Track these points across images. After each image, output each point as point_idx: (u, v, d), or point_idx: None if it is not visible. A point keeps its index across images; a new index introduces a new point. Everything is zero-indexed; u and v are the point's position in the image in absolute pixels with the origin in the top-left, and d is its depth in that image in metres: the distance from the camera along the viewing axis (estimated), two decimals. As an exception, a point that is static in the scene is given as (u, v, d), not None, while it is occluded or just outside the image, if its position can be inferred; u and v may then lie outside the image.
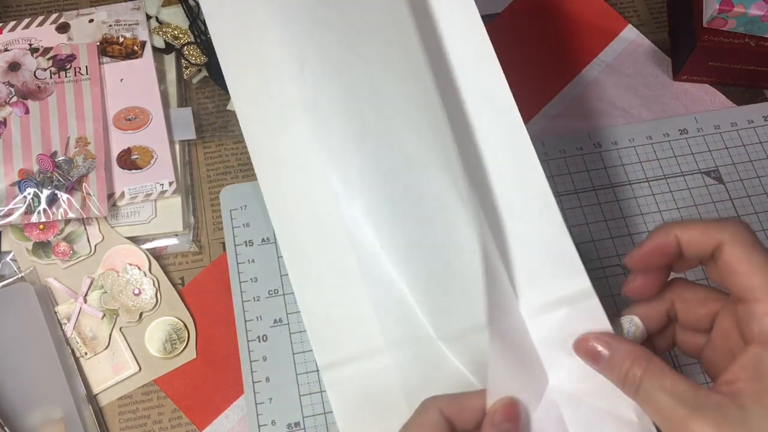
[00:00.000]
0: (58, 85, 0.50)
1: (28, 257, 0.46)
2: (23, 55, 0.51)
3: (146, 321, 0.46)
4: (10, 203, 0.46)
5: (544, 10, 0.58)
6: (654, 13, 0.59)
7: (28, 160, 0.47)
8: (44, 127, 0.48)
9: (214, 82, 0.54)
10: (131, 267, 0.46)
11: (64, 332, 0.45)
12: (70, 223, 0.47)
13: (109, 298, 0.46)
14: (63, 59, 0.51)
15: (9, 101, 0.49)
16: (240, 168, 0.51)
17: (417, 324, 0.39)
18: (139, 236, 0.47)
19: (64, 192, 0.46)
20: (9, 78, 0.50)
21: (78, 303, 0.45)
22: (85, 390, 0.43)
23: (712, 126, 0.53)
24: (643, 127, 0.53)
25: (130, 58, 0.52)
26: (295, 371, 0.45)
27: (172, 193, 0.48)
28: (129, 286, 0.46)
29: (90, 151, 0.48)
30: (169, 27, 0.54)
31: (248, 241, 0.48)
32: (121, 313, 0.45)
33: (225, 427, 0.44)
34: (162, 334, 0.45)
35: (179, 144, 0.51)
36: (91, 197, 0.46)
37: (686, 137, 0.53)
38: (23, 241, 0.46)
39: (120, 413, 0.44)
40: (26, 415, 0.41)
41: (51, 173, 0.47)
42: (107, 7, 0.54)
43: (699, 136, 0.53)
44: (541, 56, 0.56)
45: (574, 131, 0.53)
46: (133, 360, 0.45)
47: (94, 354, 0.45)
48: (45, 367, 0.42)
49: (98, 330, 0.45)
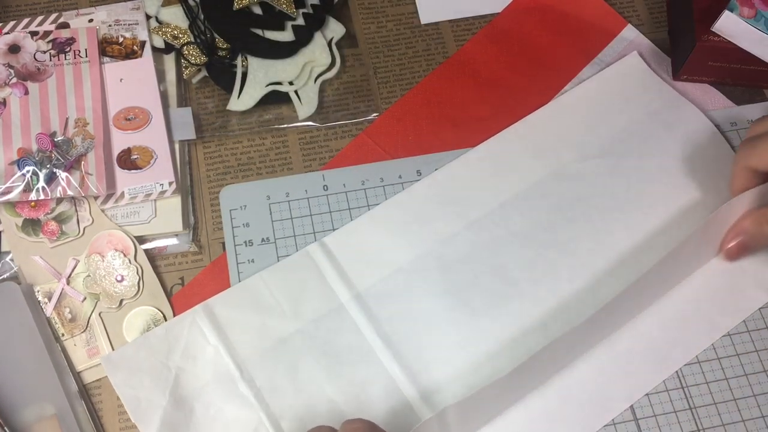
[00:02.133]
0: (57, 68, 0.50)
1: (16, 233, 0.46)
2: (23, 37, 0.51)
3: (126, 308, 0.46)
4: (9, 181, 0.46)
5: (543, 10, 0.58)
6: (654, 13, 0.59)
7: (27, 140, 0.47)
8: (43, 107, 0.49)
9: (214, 82, 0.54)
10: (117, 253, 0.46)
11: (54, 330, 0.45)
12: (61, 204, 0.47)
13: (92, 281, 0.46)
14: (62, 42, 0.51)
15: (9, 82, 0.49)
16: (240, 168, 0.51)
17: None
18: (138, 236, 0.47)
19: (62, 171, 0.46)
20: (9, 60, 0.50)
21: (60, 284, 0.45)
22: (77, 386, 0.43)
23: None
24: (643, 127, 0.53)
25: (130, 58, 0.52)
26: (295, 371, 0.45)
27: (171, 193, 0.48)
28: (112, 272, 0.46)
29: (89, 132, 0.48)
30: (169, 27, 0.54)
31: (248, 241, 0.48)
32: (102, 298, 0.45)
33: (225, 427, 0.44)
34: (140, 323, 0.45)
35: (179, 144, 0.51)
36: (89, 176, 0.47)
37: (686, 137, 0.53)
38: (14, 217, 0.47)
39: (120, 413, 0.44)
40: (20, 413, 0.41)
41: (50, 152, 0.47)
42: (107, 7, 0.54)
43: (699, 136, 0.53)
44: (541, 56, 0.56)
45: (574, 131, 0.53)
46: (108, 346, 0.45)
47: (71, 336, 0.45)
48: (36, 365, 0.43)
49: (78, 312, 0.45)
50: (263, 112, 0.53)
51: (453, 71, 0.55)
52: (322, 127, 0.53)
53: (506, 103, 0.54)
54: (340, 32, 0.56)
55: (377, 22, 0.57)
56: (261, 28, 0.54)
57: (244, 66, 0.53)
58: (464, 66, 0.55)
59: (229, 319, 0.44)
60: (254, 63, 0.53)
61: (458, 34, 0.57)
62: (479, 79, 0.55)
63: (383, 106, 0.54)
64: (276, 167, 0.51)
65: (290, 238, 0.48)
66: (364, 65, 0.55)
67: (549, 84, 0.55)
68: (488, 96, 0.54)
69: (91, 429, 0.43)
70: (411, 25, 0.57)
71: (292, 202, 0.50)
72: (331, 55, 0.55)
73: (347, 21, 0.57)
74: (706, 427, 0.44)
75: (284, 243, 0.48)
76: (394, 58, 0.56)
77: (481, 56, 0.56)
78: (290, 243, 0.48)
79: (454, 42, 0.57)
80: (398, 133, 0.53)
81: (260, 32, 0.54)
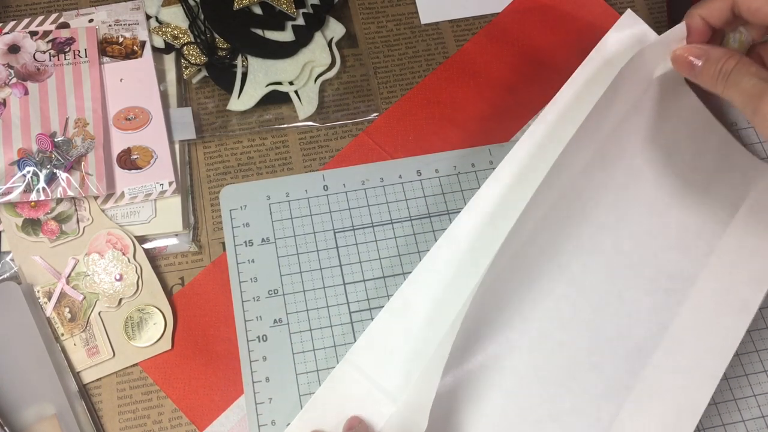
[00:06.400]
0: (57, 68, 0.50)
1: (16, 233, 0.46)
2: (23, 37, 0.51)
3: (125, 307, 0.46)
4: (9, 181, 0.46)
5: (543, 10, 0.58)
6: (654, 13, 0.59)
7: (28, 140, 0.47)
8: (43, 108, 0.49)
9: (214, 82, 0.54)
10: (116, 252, 0.46)
11: (54, 330, 0.45)
12: (61, 203, 0.47)
13: (91, 281, 0.46)
14: (62, 42, 0.51)
15: (8, 82, 0.50)
16: (240, 168, 0.51)
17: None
18: (139, 236, 0.47)
19: (63, 171, 0.46)
20: (8, 60, 0.50)
21: (60, 283, 0.45)
22: (77, 386, 0.43)
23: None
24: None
25: (130, 58, 0.52)
26: (295, 371, 0.45)
27: (171, 193, 0.48)
28: (111, 271, 0.46)
29: (89, 132, 0.48)
30: (169, 27, 0.54)
31: (248, 241, 0.48)
32: (101, 297, 0.45)
33: (225, 427, 0.44)
34: (138, 320, 0.45)
35: (179, 144, 0.51)
36: (90, 176, 0.47)
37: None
38: (14, 217, 0.47)
39: (120, 413, 0.44)
40: (20, 413, 0.41)
41: (50, 153, 0.47)
42: (107, 7, 0.54)
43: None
44: (541, 56, 0.56)
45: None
46: (107, 346, 0.45)
47: (70, 336, 0.45)
48: (36, 365, 0.43)
49: (77, 312, 0.45)
50: (263, 112, 0.53)
51: (453, 71, 0.55)
52: (322, 127, 0.53)
53: (506, 103, 0.54)
54: (340, 32, 0.56)
55: (377, 22, 0.57)
56: (261, 28, 0.54)
57: (244, 66, 0.53)
58: (464, 66, 0.55)
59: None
60: (254, 63, 0.53)
61: (458, 34, 0.57)
62: (479, 79, 0.55)
63: (383, 106, 0.54)
64: (276, 167, 0.51)
65: (290, 238, 0.48)
66: (364, 65, 0.55)
67: (549, 84, 0.54)
68: (488, 96, 0.54)
69: (91, 429, 0.43)
70: (411, 25, 0.57)
71: (292, 202, 0.50)
72: (331, 55, 0.55)
73: (347, 21, 0.57)
74: (706, 427, 0.44)
75: (284, 243, 0.48)
76: (394, 58, 0.56)
77: (481, 56, 0.56)
78: (290, 243, 0.48)
79: (454, 42, 0.57)
80: (398, 133, 0.53)
81: (260, 32, 0.54)
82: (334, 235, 0.49)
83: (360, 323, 0.46)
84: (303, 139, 0.53)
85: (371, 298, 0.47)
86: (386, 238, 0.49)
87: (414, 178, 0.51)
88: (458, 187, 0.51)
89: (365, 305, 0.47)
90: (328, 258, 0.48)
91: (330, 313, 0.47)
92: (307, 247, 0.48)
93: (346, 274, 0.48)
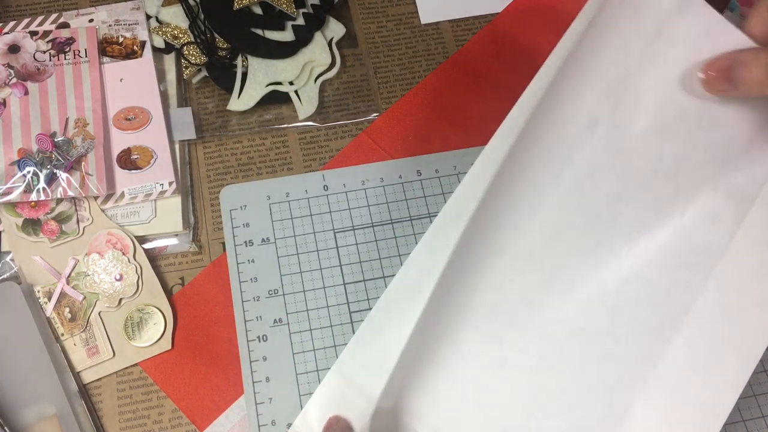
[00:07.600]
0: (57, 68, 0.50)
1: (16, 233, 0.46)
2: (23, 37, 0.51)
3: (125, 307, 0.46)
4: (10, 182, 0.46)
5: (543, 10, 0.58)
6: (654, 13, 0.58)
7: (28, 140, 0.47)
8: (43, 108, 0.49)
9: (214, 82, 0.54)
10: (116, 252, 0.46)
11: (54, 330, 0.45)
12: (61, 203, 0.47)
13: (91, 281, 0.46)
14: (62, 42, 0.51)
15: (8, 82, 0.50)
16: (240, 168, 0.51)
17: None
18: (139, 236, 0.47)
19: (63, 171, 0.46)
20: (8, 60, 0.50)
21: (60, 283, 0.45)
22: (77, 386, 0.43)
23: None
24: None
25: (130, 58, 0.52)
26: (295, 371, 0.45)
27: (171, 193, 0.48)
28: (111, 271, 0.46)
29: (89, 132, 0.48)
30: (169, 27, 0.54)
31: (248, 241, 0.48)
32: (101, 297, 0.45)
33: (225, 427, 0.44)
34: (138, 320, 0.45)
35: (179, 144, 0.51)
36: (90, 177, 0.47)
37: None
38: (14, 217, 0.47)
39: (120, 413, 0.44)
40: (20, 413, 0.41)
41: (50, 153, 0.47)
42: (107, 7, 0.54)
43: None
44: (541, 56, 0.56)
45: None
46: (107, 346, 0.45)
47: (70, 336, 0.45)
48: (36, 365, 0.43)
49: (77, 312, 0.45)
50: (263, 112, 0.53)
51: (453, 71, 0.55)
52: (322, 127, 0.53)
53: (506, 103, 0.54)
54: (340, 32, 0.56)
55: (377, 22, 0.57)
56: (261, 28, 0.54)
57: (244, 66, 0.53)
58: (464, 66, 0.55)
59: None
60: (254, 63, 0.53)
61: (458, 34, 0.57)
62: (479, 79, 0.55)
63: (383, 106, 0.54)
64: (276, 167, 0.51)
65: (290, 238, 0.48)
66: (364, 65, 0.55)
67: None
68: (488, 96, 0.54)
69: (91, 429, 0.43)
70: (411, 25, 0.57)
71: (292, 202, 0.50)
72: (331, 55, 0.55)
73: (347, 21, 0.57)
74: (706, 427, 0.44)
75: (284, 243, 0.48)
76: (394, 58, 0.56)
77: (481, 56, 0.56)
78: (290, 243, 0.48)
79: (454, 42, 0.57)
80: (398, 133, 0.53)
81: (260, 32, 0.54)
82: (334, 235, 0.49)
83: (360, 323, 0.46)
84: (303, 139, 0.53)
85: (371, 298, 0.47)
86: (386, 238, 0.49)
87: (414, 178, 0.51)
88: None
89: (365, 305, 0.47)
90: (328, 258, 0.48)
91: (330, 313, 0.47)
92: (307, 247, 0.48)
93: (346, 274, 0.48)
